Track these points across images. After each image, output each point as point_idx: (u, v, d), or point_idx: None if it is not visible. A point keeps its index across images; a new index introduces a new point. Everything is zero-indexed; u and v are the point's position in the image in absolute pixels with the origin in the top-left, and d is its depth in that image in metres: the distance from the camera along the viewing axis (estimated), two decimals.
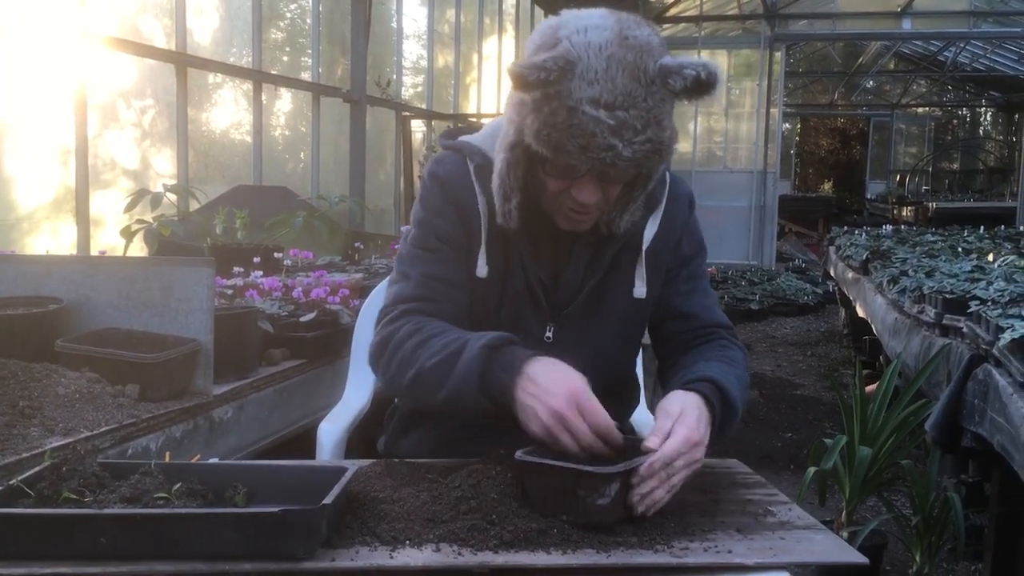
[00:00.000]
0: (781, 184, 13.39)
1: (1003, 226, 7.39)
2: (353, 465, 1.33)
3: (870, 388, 4.97)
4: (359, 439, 2.00)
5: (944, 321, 3.12)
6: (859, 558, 1.20)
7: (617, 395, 1.74)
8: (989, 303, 2.88)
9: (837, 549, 1.24)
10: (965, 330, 2.86)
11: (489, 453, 1.43)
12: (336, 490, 1.20)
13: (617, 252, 1.57)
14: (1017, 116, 20.26)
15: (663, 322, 1.67)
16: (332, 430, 1.88)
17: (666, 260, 1.63)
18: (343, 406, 1.97)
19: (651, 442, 1.27)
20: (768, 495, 1.48)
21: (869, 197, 19.68)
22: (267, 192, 5.18)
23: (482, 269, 1.54)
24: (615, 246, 1.56)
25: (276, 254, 2.96)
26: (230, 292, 2.50)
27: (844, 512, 2.94)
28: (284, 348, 2.34)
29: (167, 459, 1.54)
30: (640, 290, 1.59)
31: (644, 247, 1.58)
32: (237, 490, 1.29)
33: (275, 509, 1.10)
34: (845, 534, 2.93)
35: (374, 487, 1.39)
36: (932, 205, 13.58)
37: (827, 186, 22.58)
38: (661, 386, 1.67)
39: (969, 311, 2.88)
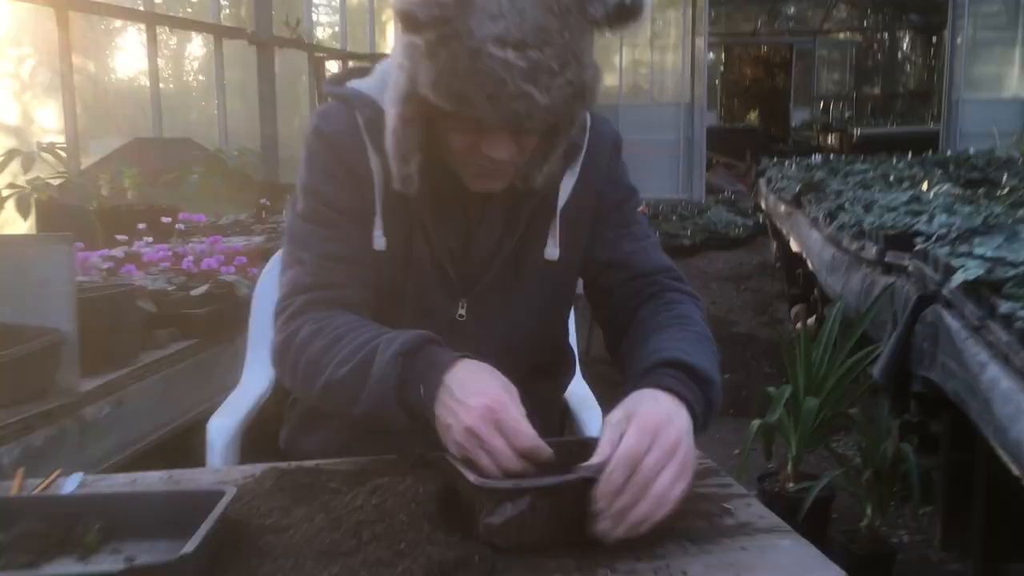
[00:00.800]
0: (707, 115, 13.26)
1: (930, 151, 7.37)
2: (231, 488, 1.10)
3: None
4: (260, 432, 1.76)
5: (887, 259, 2.98)
6: (837, 572, 1.02)
7: (548, 371, 1.54)
8: (934, 239, 2.74)
9: (809, 560, 1.06)
10: (911, 269, 2.72)
11: (403, 458, 1.23)
12: (204, 529, 0.97)
13: (535, 211, 1.35)
14: (935, 39, 20.43)
15: (594, 279, 1.45)
16: (223, 426, 1.64)
17: (589, 213, 1.41)
18: (238, 395, 1.73)
19: (596, 457, 1.05)
20: (722, 486, 1.29)
21: (794, 125, 19.74)
22: (169, 145, 4.80)
23: (379, 241, 1.31)
24: (532, 204, 1.34)
25: (164, 218, 2.66)
26: (107, 266, 2.21)
27: (790, 464, 2.82)
28: (172, 328, 2.07)
29: (18, 479, 1.31)
30: (552, 251, 1.37)
31: (560, 203, 1.37)
32: (89, 527, 1.07)
33: (115, 570, 0.87)
34: (792, 486, 2.81)
35: (262, 508, 1.16)
36: (856, 131, 13.62)
37: (753, 116, 22.56)
38: (616, 363, 1.46)
39: (915, 248, 2.73)
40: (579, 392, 1.78)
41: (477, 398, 1.07)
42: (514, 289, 1.38)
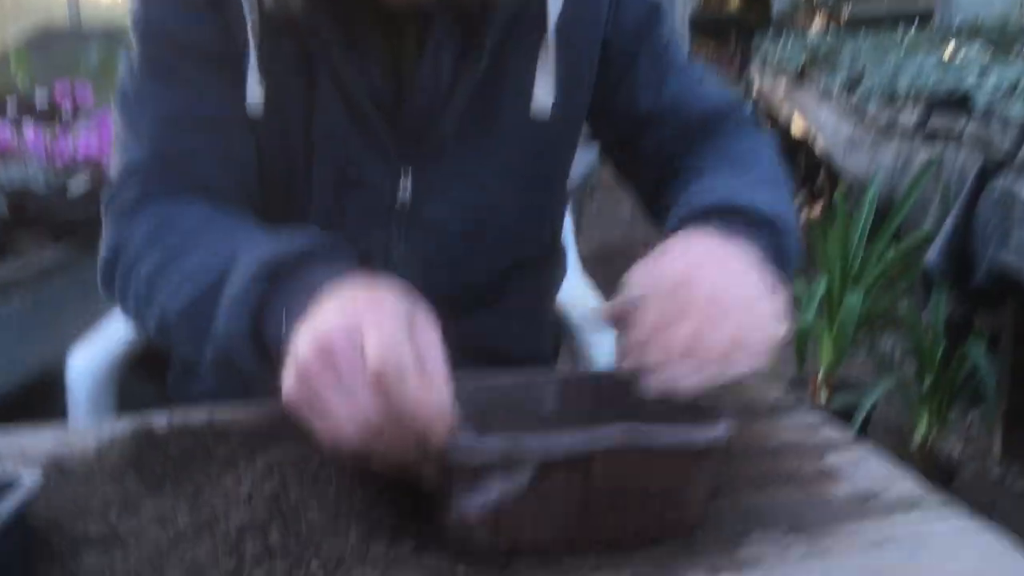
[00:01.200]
0: (688, 5, 12.60)
1: (940, 18, 6.86)
2: (29, 477, 0.63)
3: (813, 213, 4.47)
4: (148, 364, 1.29)
5: (932, 125, 2.51)
6: None
7: (533, 268, 1.06)
8: (992, 98, 2.27)
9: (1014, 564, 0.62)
10: (967, 135, 2.26)
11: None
12: None
13: (505, 37, 0.87)
14: None
15: (632, 139, 0.99)
16: (90, 363, 1.18)
17: (595, 41, 0.93)
18: (114, 320, 1.26)
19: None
20: (809, 428, 0.85)
21: (776, 9, 19.02)
22: (88, 35, 4.22)
23: (254, 92, 0.84)
24: (499, 27, 0.86)
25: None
26: None
27: (822, 372, 2.39)
28: (38, 231, 1.58)
29: None
30: (545, 97, 0.90)
31: (551, 23, 0.88)
32: None
33: None
34: (824, 398, 2.40)
35: (97, 500, 0.70)
36: (846, 11, 12.93)
37: (734, 3, 21.83)
38: (655, 225, 1.00)
39: (972, 109, 2.26)
40: (578, 296, 1.31)
41: (368, 304, 0.62)
42: (484, 150, 0.91)
